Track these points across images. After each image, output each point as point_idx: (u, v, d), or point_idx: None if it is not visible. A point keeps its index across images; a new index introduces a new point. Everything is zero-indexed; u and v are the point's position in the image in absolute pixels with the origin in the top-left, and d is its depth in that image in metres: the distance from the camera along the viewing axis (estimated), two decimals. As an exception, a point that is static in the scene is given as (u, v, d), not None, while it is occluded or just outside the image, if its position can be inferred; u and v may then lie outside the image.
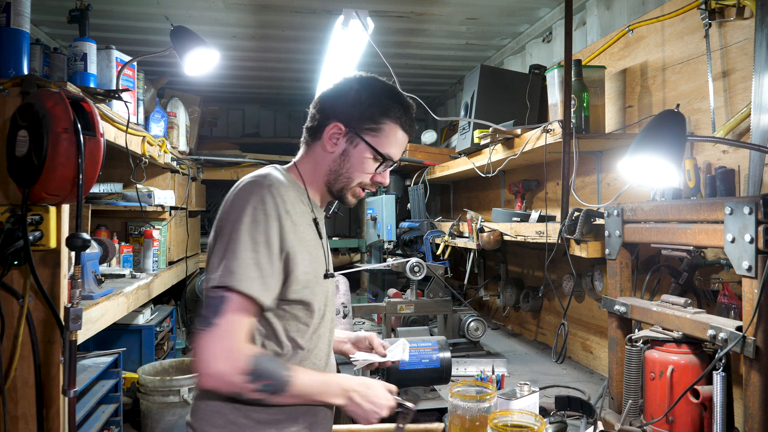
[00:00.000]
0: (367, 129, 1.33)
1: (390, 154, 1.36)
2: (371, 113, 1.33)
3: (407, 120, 1.37)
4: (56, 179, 1.63)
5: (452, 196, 4.43)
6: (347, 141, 1.34)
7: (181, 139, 3.73)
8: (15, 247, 1.66)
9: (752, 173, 1.58)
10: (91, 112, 1.73)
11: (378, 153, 1.34)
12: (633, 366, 1.51)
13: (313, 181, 1.39)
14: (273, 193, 1.23)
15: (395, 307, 2.49)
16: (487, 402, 1.41)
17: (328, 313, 1.39)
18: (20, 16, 1.78)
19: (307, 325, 1.31)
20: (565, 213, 2.00)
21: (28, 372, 1.72)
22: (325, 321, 1.38)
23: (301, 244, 1.27)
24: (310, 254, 1.29)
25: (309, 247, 1.30)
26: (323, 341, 1.38)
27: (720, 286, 1.64)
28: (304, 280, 1.27)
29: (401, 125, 1.36)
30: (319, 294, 1.33)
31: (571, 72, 2.05)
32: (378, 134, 1.34)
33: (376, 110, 1.33)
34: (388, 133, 1.34)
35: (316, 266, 1.32)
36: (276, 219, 1.22)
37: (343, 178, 1.36)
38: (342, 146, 1.35)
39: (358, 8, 2.32)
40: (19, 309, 1.71)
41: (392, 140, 1.35)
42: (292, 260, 1.24)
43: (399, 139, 1.36)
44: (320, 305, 1.34)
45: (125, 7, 2.91)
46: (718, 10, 1.75)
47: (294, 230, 1.26)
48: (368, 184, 1.38)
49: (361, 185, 1.38)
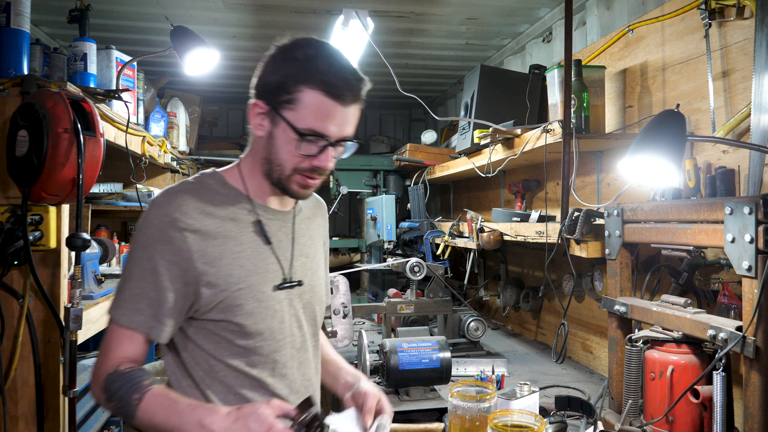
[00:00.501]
0: (283, 102, 1.11)
1: (315, 129, 1.10)
2: (284, 82, 1.10)
3: (333, 80, 1.09)
4: (56, 179, 1.63)
5: (452, 196, 4.43)
6: (270, 121, 1.14)
7: (181, 139, 3.73)
8: (15, 247, 1.66)
9: (752, 173, 1.58)
10: (91, 112, 1.73)
11: (295, 129, 1.10)
12: (633, 366, 1.51)
13: (253, 175, 1.22)
14: (164, 210, 1.11)
15: (395, 307, 2.49)
16: (487, 402, 1.41)
17: (288, 332, 1.21)
18: (20, 16, 1.78)
19: (248, 350, 1.16)
20: (565, 213, 2.00)
21: (28, 372, 1.72)
22: (284, 344, 1.20)
23: (222, 257, 1.12)
24: (241, 266, 1.14)
25: (239, 258, 1.14)
26: (288, 368, 1.21)
27: (720, 286, 1.64)
28: (227, 298, 1.12)
29: (324, 90, 1.08)
30: (261, 311, 1.16)
31: (571, 72, 2.05)
32: (295, 106, 1.10)
33: (290, 77, 1.10)
34: (307, 102, 1.09)
35: (256, 278, 1.16)
36: (164, 241, 1.09)
37: (275, 165, 1.16)
38: (267, 128, 1.15)
39: (358, 8, 2.32)
40: (19, 309, 1.71)
41: (314, 111, 1.09)
42: (203, 279, 1.11)
43: (324, 108, 1.09)
44: (264, 325, 1.16)
45: (125, 7, 2.91)
46: (718, 10, 1.75)
47: (203, 244, 1.11)
48: (307, 170, 1.14)
49: (299, 171, 1.15)
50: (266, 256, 1.19)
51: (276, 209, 1.25)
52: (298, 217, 1.31)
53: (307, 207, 1.37)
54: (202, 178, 1.21)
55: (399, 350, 1.82)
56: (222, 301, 1.13)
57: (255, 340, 1.16)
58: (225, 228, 1.15)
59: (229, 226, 1.16)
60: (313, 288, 1.29)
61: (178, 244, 1.10)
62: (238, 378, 1.17)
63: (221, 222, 1.15)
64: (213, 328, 1.15)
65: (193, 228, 1.11)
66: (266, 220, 1.21)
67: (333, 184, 4.18)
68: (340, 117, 1.12)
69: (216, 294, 1.12)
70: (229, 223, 1.16)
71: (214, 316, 1.13)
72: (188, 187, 1.17)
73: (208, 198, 1.16)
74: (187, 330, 1.16)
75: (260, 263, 1.18)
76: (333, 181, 4.19)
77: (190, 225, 1.11)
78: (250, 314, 1.15)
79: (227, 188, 1.20)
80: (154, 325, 1.10)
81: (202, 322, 1.15)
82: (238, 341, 1.15)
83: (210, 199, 1.16)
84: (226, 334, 1.15)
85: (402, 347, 1.84)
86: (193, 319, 1.15)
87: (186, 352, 1.17)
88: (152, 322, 1.10)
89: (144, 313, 1.10)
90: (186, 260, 1.10)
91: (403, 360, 1.82)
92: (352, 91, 1.12)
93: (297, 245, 1.26)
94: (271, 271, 1.19)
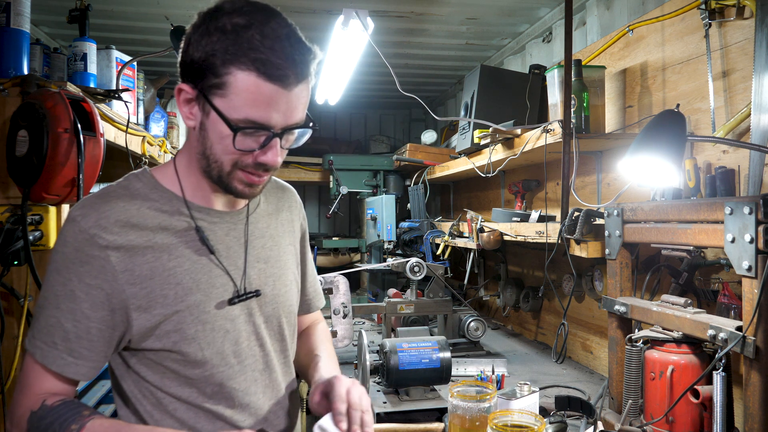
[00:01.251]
0: (211, 87, 0.91)
1: (252, 119, 0.90)
2: (210, 61, 0.89)
3: (270, 57, 0.88)
4: (56, 179, 1.63)
5: (452, 196, 4.43)
6: (200, 108, 0.95)
7: (181, 139, 3.72)
8: (15, 247, 1.66)
9: (752, 173, 1.58)
10: (91, 112, 1.73)
11: (227, 122, 0.90)
12: (633, 366, 1.51)
13: (190, 173, 1.03)
14: (81, 225, 0.94)
15: (395, 307, 2.49)
16: (487, 402, 1.41)
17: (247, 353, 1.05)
18: (20, 16, 1.78)
19: (197, 381, 1.00)
20: (565, 213, 2.00)
21: (28, 372, 1.72)
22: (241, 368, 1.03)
23: (154, 276, 0.96)
24: (178, 284, 0.97)
25: (175, 275, 0.97)
26: (251, 395, 1.05)
27: (720, 286, 1.64)
28: (163, 323, 0.96)
29: (259, 71, 0.88)
30: (207, 335, 0.99)
31: (571, 72, 2.05)
32: (225, 92, 0.90)
33: (216, 55, 0.89)
34: (240, 87, 0.89)
35: (197, 296, 0.99)
36: (82, 262, 0.93)
37: (212, 161, 0.97)
38: (198, 117, 0.96)
39: (358, 8, 2.32)
40: (19, 309, 1.71)
41: (248, 97, 0.89)
42: (133, 303, 0.95)
43: (262, 93, 0.89)
44: (212, 350, 1.00)
45: (125, 7, 2.91)
46: (718, 10, 1.75)
47: (130, 262, 0.95)
48: (250, 166, 0.96)
49: (241, 168, 0.96)
50: (210, 269, 1.02)
51: (221, 210, 1.07)
52: (255, 214, 1.13)
53: (268, 201, 1.19)
54: (128, 181, 1.03)
55: (399, 350, 1.82)
56: (158, 326, 0.97)
57: (203, 368, 1.00)
58: (156, 240, 0.98)
59: (161, 238, 0.98)
60: (276, 297, 1.11)
61: (99, 264, 0.93)
62: (191, 411, 1.02)
63: (151, 234, 0.98)
64: (154, 357, 0.99)
65: (115, 244, 0.94)
66: (208, 225, 1.04)
67: (333, 184, 4.19)
68: (284, 103, 0.91)
69: (150, 319, 0.96)
70: (160, 234, 0.99)
71: (152, 344, 0.98)
72: (110, 195, 0.99)
73: (134, 205, 0.98)
74: (129, 361, 1.01)
75: (202, 278, 1.00)
76: (333, 181, 4.19)
77: (113, 241, 0.94)
78: (193, 339, 0.98)
79: (159, 191, 1.02)
80: (69, 363, 0.94)
81: (141, 353, 0.99)
82: (184, 371, 1.00)
83: (137, 207, 0.98)
84: (169, 363, 0.99)
85: (402, 347, 1.84)
86: (130, 349, 1.00)
87: (130, 384, 1.02)
88: (68, 359, 0.94)
89: (58, 348, 0.93)
90: (110, 283, 0.94)
91: (403, 360, 1.82)
92: (296, 70, 0.90)
93: (252, 249, 1.09)
94: (218, 285, 1.02)
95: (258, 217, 1.14)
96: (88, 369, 0.96)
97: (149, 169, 1.06)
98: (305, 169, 4.45)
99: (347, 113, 5.49)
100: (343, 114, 5.48)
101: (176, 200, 1.03)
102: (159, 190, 1.03)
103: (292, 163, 4.41)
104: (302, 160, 4.43)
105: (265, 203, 1.18)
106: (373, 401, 1.85)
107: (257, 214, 1.15)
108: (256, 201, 1.16)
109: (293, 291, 1.19)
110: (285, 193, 1.26)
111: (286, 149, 1.00)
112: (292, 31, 0.93)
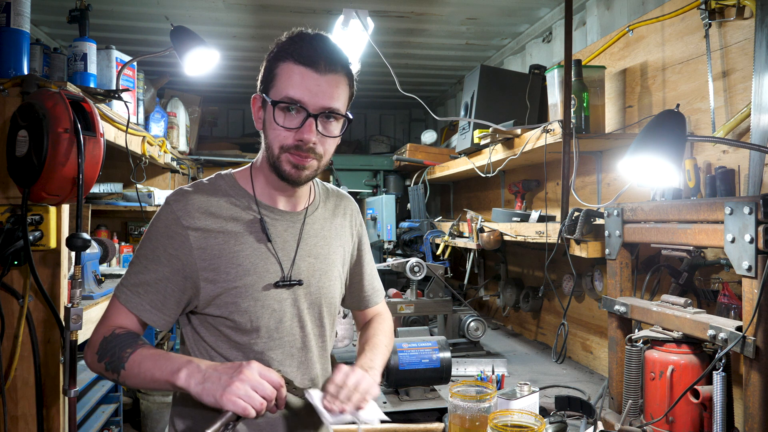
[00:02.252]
0: (269, 85, 1.16)
1: (288, 95, 1.12)
2: (269, 67, 1.17)
3: (304, 50, 1.12)
4: (56, 179, 1.63)
5: (452, 196, 4.43)
6: (263, 109, 1.19)
7: (181, 139, 3.73)
8: (15, 247, 1.66)
9: (752, 173, 1.58)
10: (91, 112, 1.73)
11: (272, 102, 1.13)
12: (633, 366, 1.51)
13: (260, 174, 1.24)
14: (172, 207, 1.17)
15: (395, 307, 2.49)
16: (487, 402, 1.41)
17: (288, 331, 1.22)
18: (20, 16, 1.78)
19: (243, 346, 1.19)
20: (565, 213, 2.00)
21: (28, 372, 1.72)
22: (281, 342, 1.22)
23: (222, 255, 1.16)
24: (239, 265, 1.17)
25: (238, 257, 1.17)
26: (286, 367, 1.22)
27: (720, 286, 1.64)
28: (224, 294, 1.16)
29: (293, 58, 1.12)
30: (257, 310, 1.18)
31: (571, 72, 2.05)
32: (276, 83, 1.14)
33: (272, 60, 1.16)
34: (282, 75, 1.14)
35: (253, 277, 1.18)
36: (168, 236, 1.15)
37: (269, 150, 1.17)
38: (262, 116, 1.19)
39: (358, 8, 2.32)
40: (19, 309, 1.71)
41: (286, 79, 1.13)
42: (202, 275, 1.15)
43: (296, 73, 1.12)
44: (260, 323, 1.18)
45: (125, 7, 2.91)
46: (718, 10, 1.75)
47: (204, 242, 1.15)
48: (292, 146, 1.14)
49: (285, 149, 1.15)
50: (267, 256, 1.20)
51: (283, 210, 1.26)
52: (312, 217, 1.30)
53: (326, 206, 1.36)
54: (215, 179, 1.25)
55: (399, 350, 1.83)
56: (219, 297, 1.16)
57: (250, 336, 1.19)
58: (227, 227, 1.18)
59: (231, 226, 1.19)
60: (320, 289, 1.28)
61: (181, 240, 1.15)
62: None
63: (224, 221, 1.18)
64: (213, 322, 1.19)
65: (195, 226, 1.16)
66: (271, 221, 1.23)
67: (333, 184, 4.19)
68: (314, 83, 1.12)
69: (214, 290, 1.16)
70: (231, 222, 1.19)
71: (213, 311, 1.17)
72: (198, 188, 1.21)
73: (215, 198, 1.20)
74: (193, 322, 1.21)
75: (259, 263, 1.19)
76: (333, 180, 4.19)
77: (192, 223, 1.16)
78: (245, 312, 1.17)
79: (236, 189, 1.23)
80: (148, 311, 1.15)
81: (204, 317, 1.19)
82: (234, 337, 1.19)
83: (217, 200, 1.20)
84: (223, 329, 1.19)
85: (402, 347, 1.84)
86: (195, 313, 1.20)
87: (192, 342, 1.22)
88: (147, 308, 1.15)
89: (142, 297, 1.15)
90: (187, 255, 1.15)
91: (403, 360, 1.82)
92: (325, 59, 1.13)
93: (304, 246, 1.26)
94: (271, 271, 1.20)
95: (315, 219, 1.31)
96: (158, 318, 1.16)
97: (233, 171, 1.27)
98: (305, 169, 4.44)
99: (347, 113, 5.48)
100: (343, 114, 5.47)
101: (248, 198, 1.23)
102: (236, 188, 1.23)
103: (292, 163, 4.40)
104: (302, 160, 4.42)
105: (323, 208, 1.35)
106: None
107: (314, 216, 1.31)
108: (315, 205, 1.33)
109: (336, 286, 1.33)
110: (342, 201, 1.42)
111: (327, 137, 1.16)
112: (332, 41, 1.17)
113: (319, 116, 1.14)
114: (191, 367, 1.04)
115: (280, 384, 1.05)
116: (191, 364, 1.05)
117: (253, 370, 1.02)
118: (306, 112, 1.12)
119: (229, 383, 0.99)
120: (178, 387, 1.04)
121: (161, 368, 1.06)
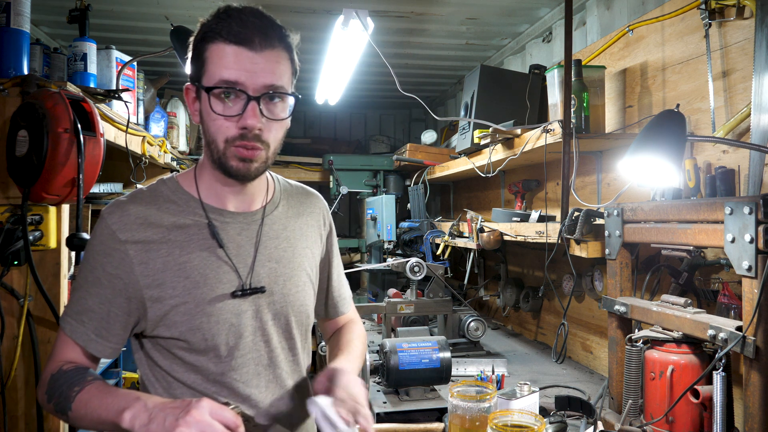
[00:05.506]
0: (200, 72, 1.03)
1: (225, 78, 0.99)
2: (197, 52, 1.03)
3: (234, 26, 0.99)
4: (56, 179, 1.63)
5: (452, 196, 4.43)
6: (198, 99, 1.06)
7: (181, 139, 3.73)
8: (15, 247, 1.66)
9: (752, 173, 1.58)
10: (91, 112, 1.73)
11: (205, 89, 1.00)
12: (633, 366, 1.51)
13: (205, 174, 1.12)
14: (107, 221, 1.05)
15: (395, 307, 2.49)
16: (487, 402, 1.41)
17: (251, 347, 1.10)
18: (20, 16, 1.78)
19: (200, 368, 1.07)
20: (565, 213, 2.00)
21: (28, 372, 1.72)
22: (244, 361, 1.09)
23: (166, 269, 1.04)
24: (187, 277, 1.05)
25: (185, 269, 1.05)
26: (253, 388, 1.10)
27: (720, 286, 1.64)
28: (172, 312, 1.04)
29: (223, 37, 0.99)
30: (211, 326, 1.05)
31: (571, 72, 2.05)
32: (207, 67, 1.01)
33: (199, 44, 1.03)
34: (213, 57, 1.00)
35: (204, 290, 1.05)
36: (105, 254, 1.04)
37: (210, 144, 1.04)
38: (198, 108, 1.06)
39: (358, 8, 2.31)
40: (19, 309, 1.71)
41: (217, 62, 1.00)
42: (146, 293, 1.04)
43: (228, 54, 0.99)
44: (216, 340, 1.06)
45: (125, 7, 2.91)
46: (718, 10, 1.75)
47: (147, 256, 1.04)
48: (237, 137, 1.01)
49: (231, 143, 1.02)
50: (219, 265, 1.08)
51: (235, 211, 1.13)
52: (271, 217, 1.18)
53: (289, 204, 1.24)
54: (156, 185, 1.13)
55: (399, 350, 1.83)
56: (167, 315, 1.05)
57: (207, 356, 1.07)
58: (171, 237, 1.06)
59: (176, 235, 1.07)
60: (286, 297, 1.15)
61: (119, 256, 1.04)
62: (195, 396, 1.07)
63: (166, 231, 1.07)
64: (165, 344, 1.08)
65: (133, 239, 1.04)
66: (221, 225, 1.10)
67: (333, 184, 4.19)
68: (250, 62, 0.99)
69: (161, 309, 1.05)
70: (175, 231, 1.07)
71: (163, 332, 1.06)
72: (136, 197, 1.10)
73: (155, 206, 1.08)
74: (145, 346, 1.11)
75: (209, 273, 1.07)
76: (333, 181, 4.19)
77: (131, 236, 1.04)
78: (198, 329, 1.05)
79: (179, 194, 1.11)
80: (93, 340, 1.06)
81: (155, 339, 1.09)
82: (189, 359, 1.07)
83: (157, 208, 1.08)
84: (177, 351, 1.08)
85: (402, 347, 1.84)
86: (146, 336, 1.10)
87: (146, 368, 1.12)
88: (93, 337, 1.06)
89: (86, 326, 1.06)
90: (128, 273, 1.04)
91: (403, 360, 1.82)
92: (260, 34, 1.00)
93: (264, 249, 1.13)
94: (224, 281, 1.08)
95: (275, 219, 1.18)
96: (105, 348, 1.07)
97: (176, 175, 1.16)
98: (305, 169, 4.44)
99: (347, 113, 5.49)
100: (343, 114, 5.48)
101: (193, 202, 1.11)
102: (180, 193, 1.12)
103: (292, 163, 4.41)
104: (302, 160, 4.43)
105: (285, 207, 1.22)
106: (373, 401, 1.85)
107: (274, 216, 1.19)
108: (275, 203, 1.20)
109: (306, 292, 1.21)
110: (309, 199, 1.30)
111: (273, 120, 1.04)
112: (261, 12, 1.03)
113: (261, 98, 1.01)
114: (137, 407, 0.92)
115: (236, 424, 0.91)
116: (138, 403, 0.93)
117: (203, 409, 0.89)
118: (246, 96, 1.00)
119: (173, 426, 0.87)
120: (124, 429, 0.93)
121: (107, 407, 0.95)
